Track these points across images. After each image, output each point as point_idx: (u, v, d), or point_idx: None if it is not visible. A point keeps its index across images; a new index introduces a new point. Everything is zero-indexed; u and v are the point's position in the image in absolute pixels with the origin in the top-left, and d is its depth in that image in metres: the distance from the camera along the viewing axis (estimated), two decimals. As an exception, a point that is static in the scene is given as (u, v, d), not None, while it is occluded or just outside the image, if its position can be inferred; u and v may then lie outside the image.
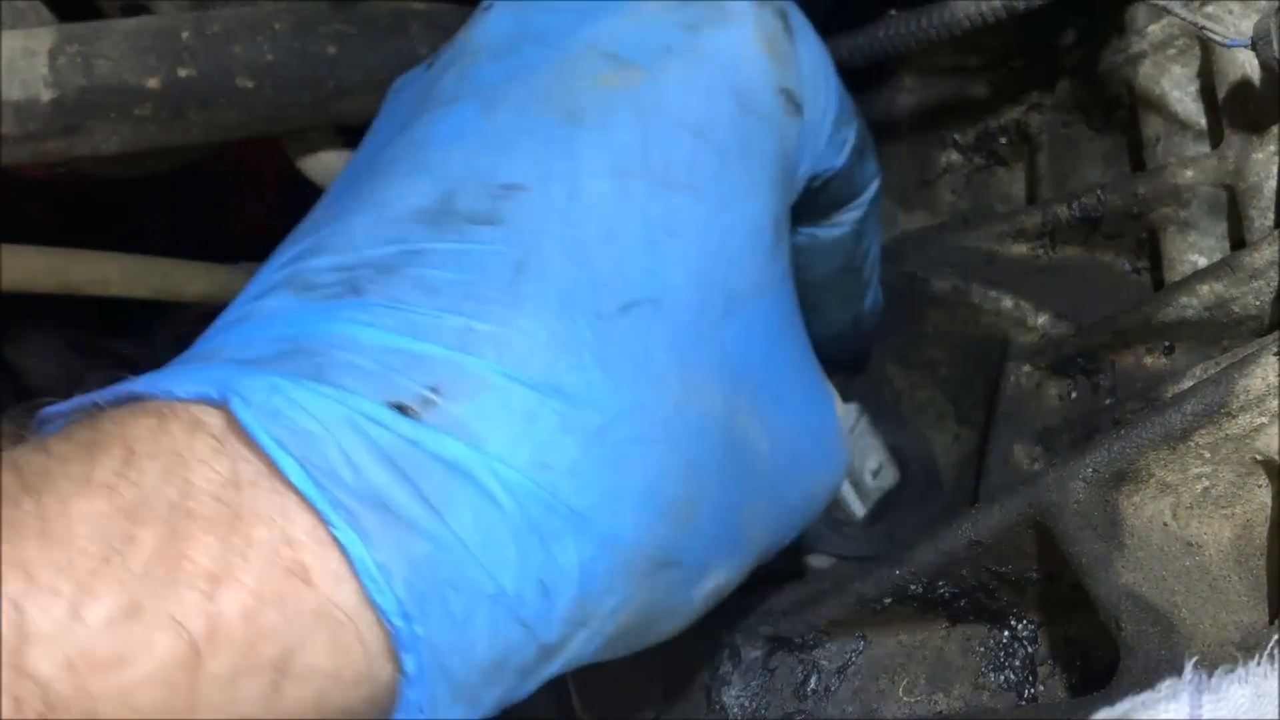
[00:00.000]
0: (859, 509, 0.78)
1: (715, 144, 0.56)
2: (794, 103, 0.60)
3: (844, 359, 0.80)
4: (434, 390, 0.46)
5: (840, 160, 0.65)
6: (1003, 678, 0.64)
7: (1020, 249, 0.81)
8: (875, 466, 0.80)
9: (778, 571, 0.76)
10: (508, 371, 0.47)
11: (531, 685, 0.49)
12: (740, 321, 0.55)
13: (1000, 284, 0.79)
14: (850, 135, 0.65)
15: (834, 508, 0.78)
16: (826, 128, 0.63)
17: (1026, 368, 0.76)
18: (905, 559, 0.63)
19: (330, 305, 0.48)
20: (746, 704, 0.67)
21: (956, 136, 0.92)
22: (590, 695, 0.66)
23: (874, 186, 0.70)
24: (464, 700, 0.45)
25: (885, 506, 0.80)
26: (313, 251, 0.52)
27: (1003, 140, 0.90)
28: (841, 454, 0.64)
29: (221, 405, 0.44)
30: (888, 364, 0.85)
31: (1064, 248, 0.79)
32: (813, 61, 0.62)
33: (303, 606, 0.42)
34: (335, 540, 0.42)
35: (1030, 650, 0.64)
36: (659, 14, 0.59)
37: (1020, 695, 0.64)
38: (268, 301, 0.50)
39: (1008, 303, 0.79)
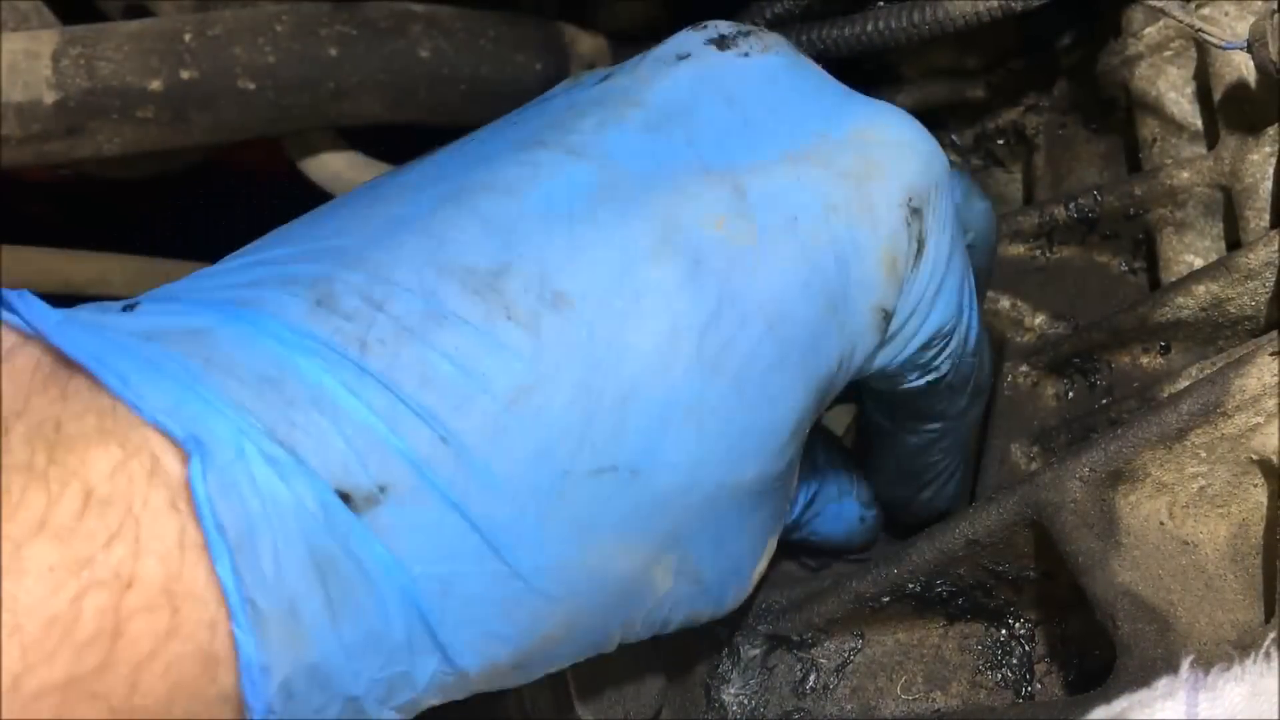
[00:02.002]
0: None
1: (783, 340, 0.53)
2: (885, 320, 0.57)
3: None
4: (382, 489, 0.46)
5: (919, 383, 0.62)
6: (1000, 676, 0.64)
7: (1017, 249, 0.81)
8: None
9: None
10: (454, 499, 0.47)
11: None
12: (714, 511, 0.54)
13: (997, 284, 0.79)
14: (944, 367, 0.62)
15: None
16: (910, 350, 0.60)
17: (1024, 367, 0.76)
18: (903, 558, 0.63)
19: (332, 354, 0.47)
20: (745, 702, 0.67)
21: (954, 137, 0.92)
22: (590, 694, 0.66)
23: (963, 414, 0.67)
24: None
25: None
26: (352, 258, 0.51)
27: (1000, 141, 0.90)
28: (735, 602, 0.60)
29: (182, 452, 0.44)
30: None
31: (1061, 248, 0.80)
32: (926, 287, 0.58)
33: (208, 693, 0.44)
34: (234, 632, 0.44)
35: (1027, 649, 0.64)
36: (816, 177, 0.55)
37: (1017, 693, 0.64)
38: (282, 295, 0.49)
39: (1005, 303, 0.79)
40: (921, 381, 0.62)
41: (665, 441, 0.51)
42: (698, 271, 0.52)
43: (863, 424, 0.71)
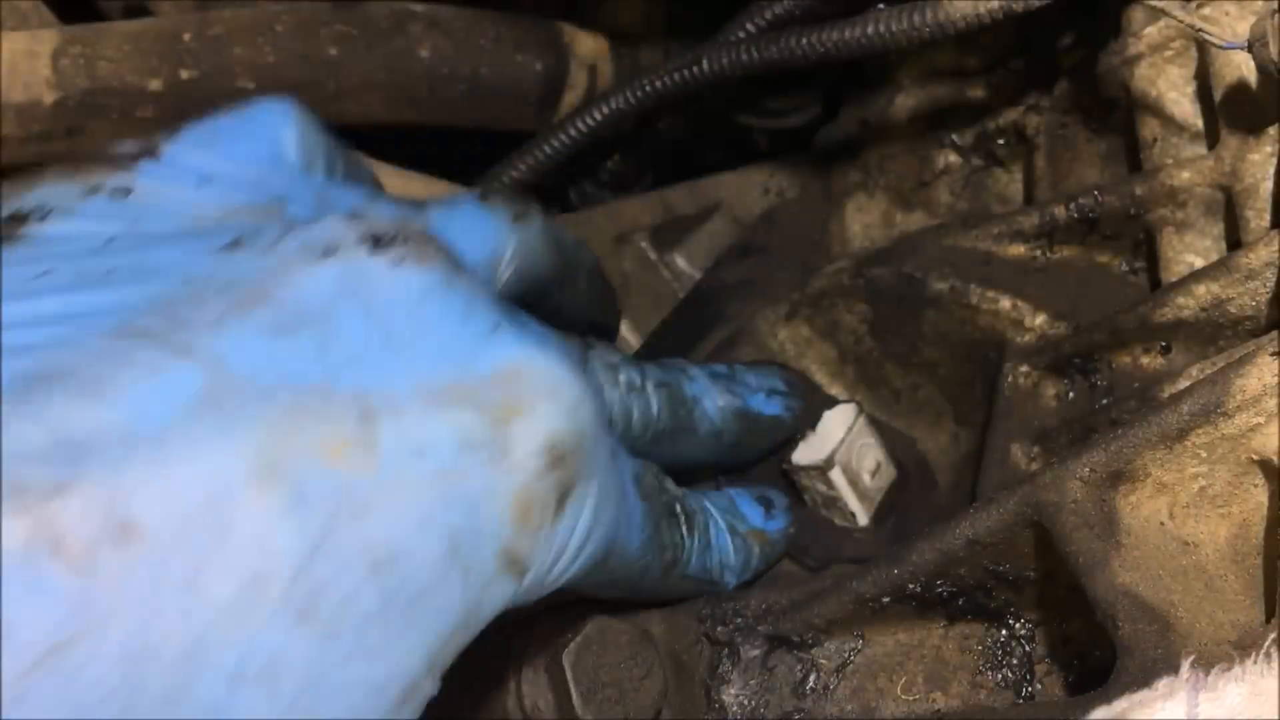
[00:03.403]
0: (863, 515, 0.79)
1: (389, 586, 0.47)
2: (518, 569, 0.52)
3: None
4: None
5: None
6: (1000, 676, 0.64)
7: (1018, 250, 0.81)
8: (873, 466, 0.80)
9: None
10: None
11: None
12: None
13: (998, 284, 0.79)
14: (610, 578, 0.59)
15: (837, 514, 0.79)
16: (554, 585, 0.56)
17: (1024, 368, 0.76)
18: (903, 558, 0.63)
19: None
20: (746, 702, 0.67)
21: (954, 138, 0.92)
22: (590, 695, 0.66)
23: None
24: None
25: (889, 507, 0.80)
26: None
27: (1001, 141, 0.90)
28: None
29: None
30: (886, 364, 0.85)
31: (1061, 248, 0.80)
32: (571, 539, 0.55)
33: None
34: None
35: (1028, 649, 0.64)
36: (452, 410, 0.51)
37: (1018, 694, 0.64)
38: None
39: (1005, 303, 0.79)
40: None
41: (232, 706, 0.43)
42: (302, 504, 0.45)
43: None
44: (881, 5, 0.79)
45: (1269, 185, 0.68)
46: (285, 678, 0.44)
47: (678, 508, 0.66)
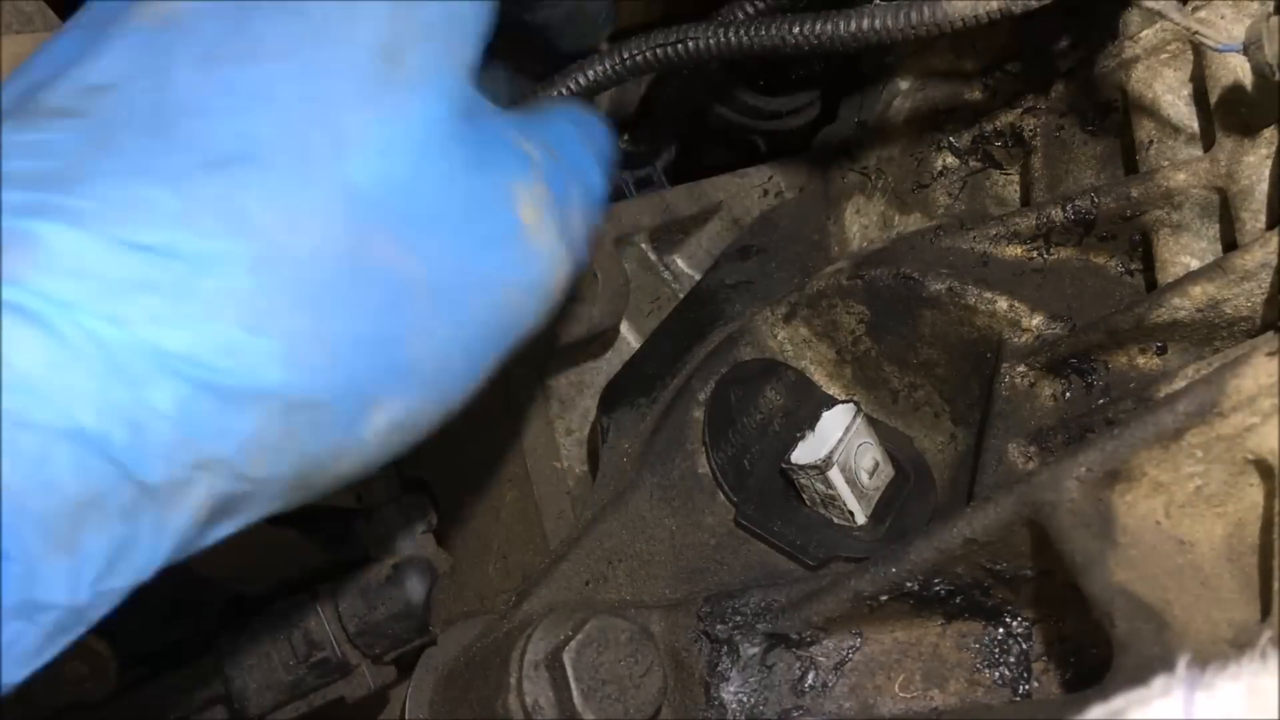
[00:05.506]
0: (861, 513, 0.79)
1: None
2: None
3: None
4: None
5: None
6: (998, 674, 0.65)
7: (1015, 251, 0.81)
8: (871, 465, 0.80)
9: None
10: (78, 231, 0.47)
11: (151, 534, 0.49)
12: (360, 153, 0.53)
13: (995, 285, 0.80)
14: None
15: (836, 513, 0.79)
16: None
17: (1021, 368, 0.77)
18: (901, 557, 0.64)
19: None
20: (745, 700, 0.67)
21: (952, 140, 0.92)
22: (591, 693, 0.66)
23: None
24: (60, 544, 0.46)
25: (887, 506, 0.80)
26: None
27: (998, 143, 0.91)
28: (533, 253, 0.59)
29: None
30: (884, 364, 0.86)
31: (1058, 250, 0.80)
32: None
33: None
34: None
35: (1025, 647, 0.65)
36: None
37: (1015, 691, 0.64)
38: None
39: (1002, 304, 0.79)
40: None
41: (251, 123, 0.53)
42: (200, 18, 0.55)
43: None
44: (879, 1, 0.78)
45: (1264, 187, 0.68)
46: (272, 93, 0.53)
47: None
